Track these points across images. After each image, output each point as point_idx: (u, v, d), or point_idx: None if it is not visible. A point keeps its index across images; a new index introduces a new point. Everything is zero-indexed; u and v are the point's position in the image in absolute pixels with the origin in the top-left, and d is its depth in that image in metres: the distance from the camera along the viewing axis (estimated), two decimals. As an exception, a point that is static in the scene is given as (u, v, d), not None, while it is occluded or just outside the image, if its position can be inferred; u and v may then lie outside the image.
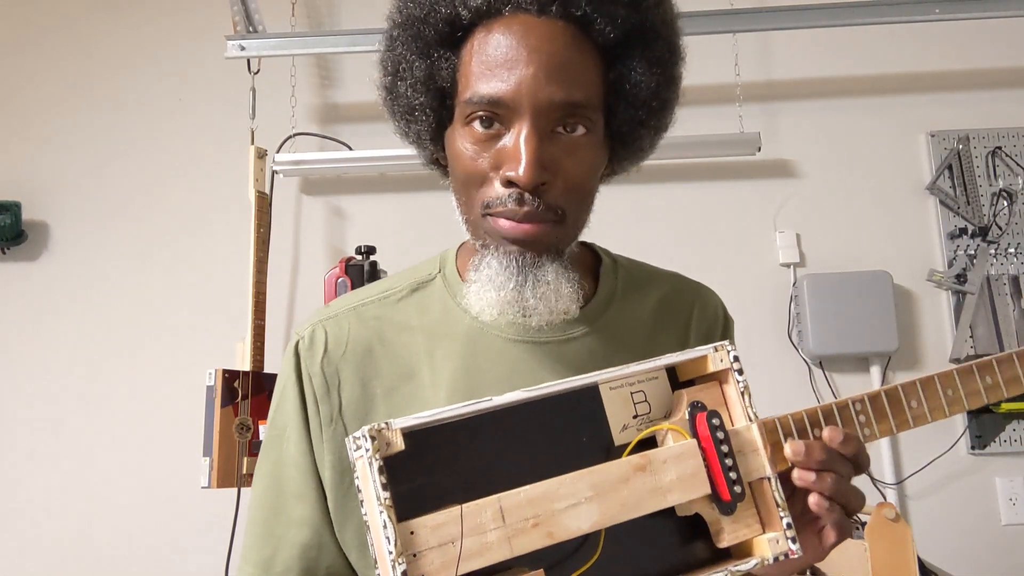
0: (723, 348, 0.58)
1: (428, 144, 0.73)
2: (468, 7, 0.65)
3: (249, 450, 1.70)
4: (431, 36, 0.67)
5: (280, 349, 2.02)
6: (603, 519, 0.51)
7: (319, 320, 0.77)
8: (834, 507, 0.57)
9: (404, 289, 0.78)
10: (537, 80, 0.62)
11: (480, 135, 0.65)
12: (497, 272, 0.67)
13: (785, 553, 0.55)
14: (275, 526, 0.74)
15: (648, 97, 0.68)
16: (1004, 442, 1.92)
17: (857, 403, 0.62)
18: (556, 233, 0.67)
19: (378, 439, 0.47)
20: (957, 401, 0.65)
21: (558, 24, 0.64)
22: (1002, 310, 1.97)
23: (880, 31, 2.06)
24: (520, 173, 0.62)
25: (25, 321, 2.07)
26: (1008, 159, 2.04)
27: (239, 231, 1.99)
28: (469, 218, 0.70)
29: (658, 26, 0.68)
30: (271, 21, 2.06)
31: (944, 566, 1.66)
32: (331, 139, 2.11)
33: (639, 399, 0.57)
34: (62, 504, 1.98)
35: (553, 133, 0.65)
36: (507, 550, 0.48)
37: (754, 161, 2.04)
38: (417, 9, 0.67)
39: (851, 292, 1.91)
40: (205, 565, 1.91)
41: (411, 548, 0.46)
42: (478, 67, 0.65)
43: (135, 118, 2.16)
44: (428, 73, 0.68)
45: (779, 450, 0.58)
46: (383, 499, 0.46)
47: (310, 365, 0.75)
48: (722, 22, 1.94)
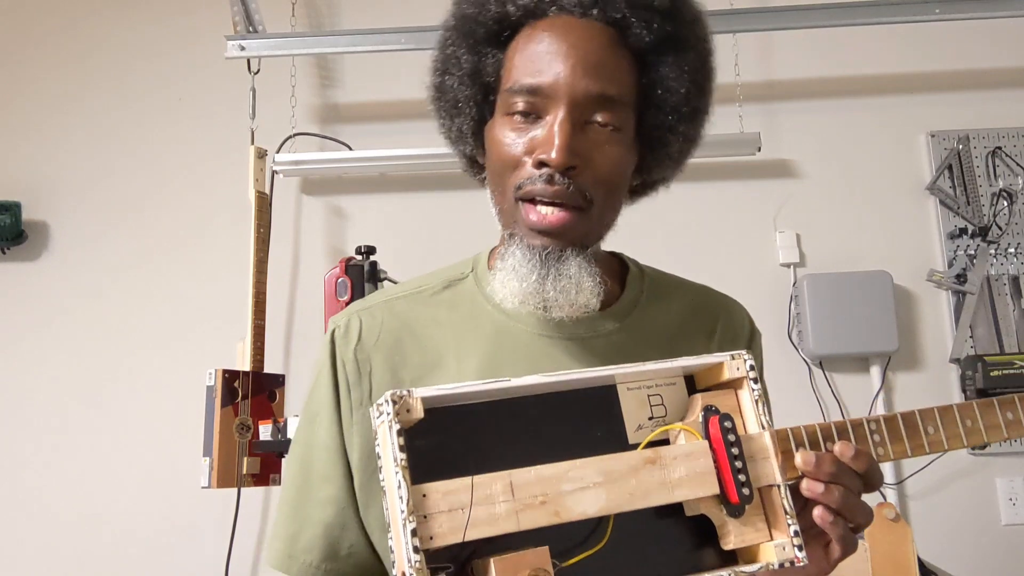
0: (740, 357, 0.59)
1: (469, 139, 0.77)
2: (517, 5, 0.70)
3: (249, 450, 1.70)
4: (481, 33, 0.72)
5: (280, 349, 2.02)
6: (609, 505, 0.52)
7: (355, 311, 0.81)
8: (839, 521, 0.57)
9: (437, 286, 0.82)
10: (575, 72, 0.67)
11: (519, 125, 0.70)
12: (521, 263, 0.70)
13: (791, 560, 0.55)
14: (302, 505, 0.77)
15: (678, 103, 0.72)
16: (1004, 442, 1.92)
17: (872, 423, 0.62)
18: (582, 222, 0.70)
19: (399, 404, 0.50)
20: (975, 432, 0.64)
21: (597, 26, 0.69)
22: (1002, 310, 1.97)
23: (880, 31, 2.06)
24: (553, 155, 0.66)
25: (25, 321, 2.07)
26: (1008, 159, 2.04)
27: (239, 231, 1.99)
28: (502, 206, 0.73)
29: (691, 39, 0.73)
30: (271, 21, 2.06)
31: (944, 566, 1.67)
32: (331, 139, 2.11)
33: (655, 402, 0.59)
34: (62, 504, 1.98)
35: (586, 125, 0.69)
36: (514, 523, 0.50)
37: (754, 161, 2.04)
38: (470, 7, 0.73)
39: (851, 292, 1.91)
40: (205, 565, 1.91)
41: (422, 510, 0.48)
42: (521, 61, 0.70)
43: (135, 118, 2.16)
44: (475, 68, 0.73)
45: (790, 459, 0.58)
46: (399, 460, 0.48)
47: (344, 352, 0.78)
48: (722, 22, 1.94)
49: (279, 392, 1.83)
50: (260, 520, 1.96)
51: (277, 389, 1.83)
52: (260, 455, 1.72)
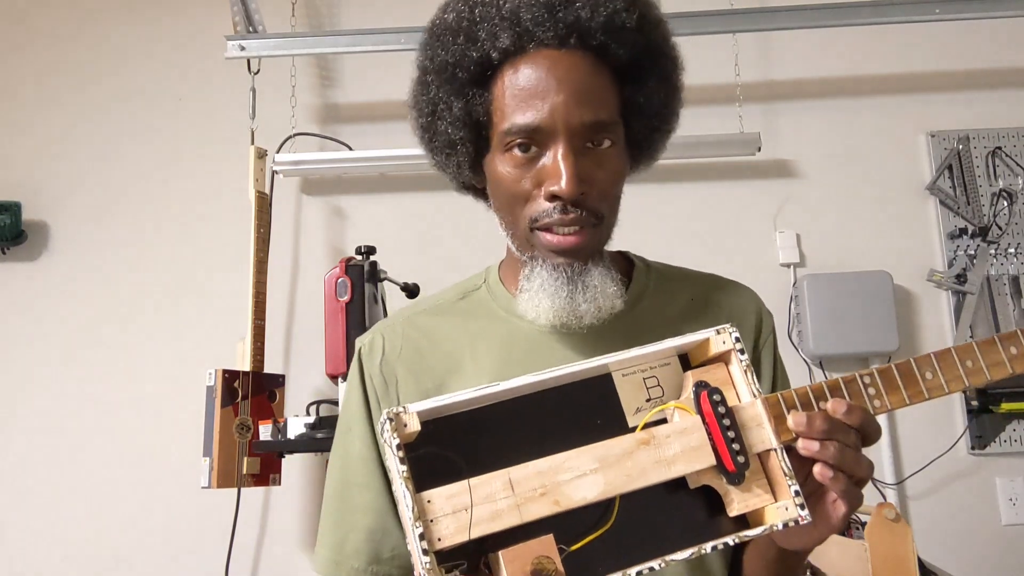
0: (725, 330, 0.61)
1: (467, 172, 0.82)
2: (497, 48, 0.73)
3: (249, 450, 1.70)
4: (464, 77, 0.75)
5: (280, 349, 2.02)
6: (608, 489, 0.55)
7: (379, 329, 0.88)
8: (839, 476, 0.59)
9: (453, 299, 0.89)
10: (568, 106, 0.71)
11: (520, 159, 0.74)
12: (548, 282, 0.75)
13: (795, 519, 0.57)
14: (344, 513, 0.82)
15: (659, 106, 0.78)
16: (1004, 442, 1.92)
17: (866, 376, 0.63)
18: (596, 236, 0.76)
19: (395, 421, 0.53)
20: (978, 372, 0.64)
21: (577, 54, 0.72)
22: (1002, 310, 1.97)
23: (880, 31, 2.06)
24: (563, 186, 0.70)
25: (25, 321, 2.07)
26: (1008, 159, 2.04)
27: (239, 231, 1.99)
28: (516, 234, 0.78)
29: (662, 45, 0.77)
30: (271, 21, 2.06)
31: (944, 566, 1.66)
32: (331, 139, 2.11)
33: (652, 384, 0.61)
34: (62, 504, 1.98)
35: (585, 149, 0.73)
36: (516, 516, 0.53)
37: (754, 161, 2.04)
38: (449, 55, 0.75)
39: (851, 292, 1.91)
40: (205, 565, 1.91)
41: (428, 514, 0.51)
42: (512, 100, 0.73)
43: (135, 118, 2.16)
44: (465, 111, 0.76)
45: (784, 423, 0.60)
46: (402, 472, 0.52)
47: (370, 368, 0.85)
48: (722, 22, 1.95)
49: (279, 392, 1.83)
50: (260, 520, 1.96)
51: (277, 389, 1.83)
52: (260, 455, 1.72)
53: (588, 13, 0.72)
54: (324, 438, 1.63)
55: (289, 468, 1.88)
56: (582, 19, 0.71)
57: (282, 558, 1.95)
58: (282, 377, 1.87)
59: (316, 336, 1.79)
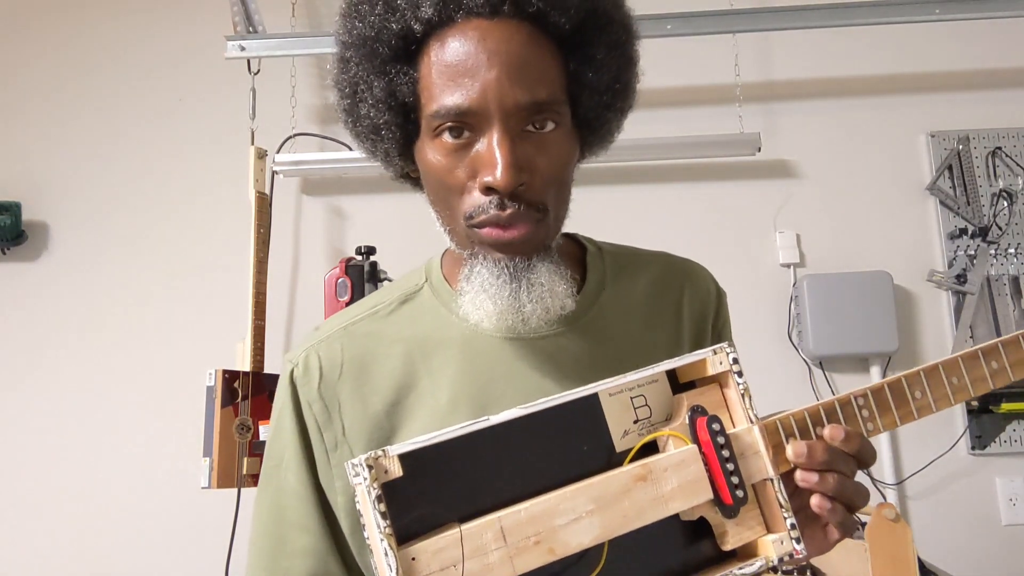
0: (722, 351, 0.58)
1: (397, 160, 0.73)
2: (419, 19, 0.63)
3: (249, 450, 1.70)
4: (385, 53, 0.66)
5: (280, 349, 2.02)
6: (605, 532, 0.51)
7: (311, 345, 0.76)
8: (837, 507, 0.57)
9: (393, 302, 0.78)
10: (501, 84, 0.62)
11: (451, 145, 0.65)
12: (490, 281, 0.67)
13: (790, 553, 0.55)
14: (279, 557, 0.73)
15: (611, 81, 0.68)
16: (1004, 442, 1.92)
17: (860, 398, 0.61)
18: (541, 230, 0.67)
19: (375, 467, 0.48)
20: (962, 389, 0.64)
21: (512, 23, 0.63)
22: (1002, 310, 1.96)
23: (880, 31, 2.06)
24: (498, 177, 0.62)
25: (25, 321, 2.07)
26: (1008, 159, 2.04)
27: (239, 231, 1.99)
28: (453, 228, 0.69)
29: (610, 10, 0.68)
30: (271, 21, 2.06)
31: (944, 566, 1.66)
32: (331, 139, 2.11)
33: (639, 403, 0.57)
34: (62, 504, 1.98)
35: (523, 132, 0.64)
36: (509, 569, 0.48)
37: (754, 161, 2.04)
38: (367, 28, 0.66)
39: (851, 292, 1.91)
40: (205, 565, 1.91)
41: (413, 574, 0.46)
42: (439, 78, 0.64)
43: (135, 118, 2.16)
44: (388, 91, 0.67)
45: (781, 450, 0.58)
46: (383, 527, 0.47)
47: (307, 393, 0.74)
48: (722, 22, 1.94)
49: (279, 392, 1.83)
50: (260, 520, 1.96)
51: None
52: (260, 455, 1.72)
53: None
54: (324, 438, 1.63)
55: (289, 468, 1.88)
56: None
57: (282, 558, 1.95)
58: (282, 377, 1.87)
59: (316, 336, 1.79)
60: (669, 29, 1.89)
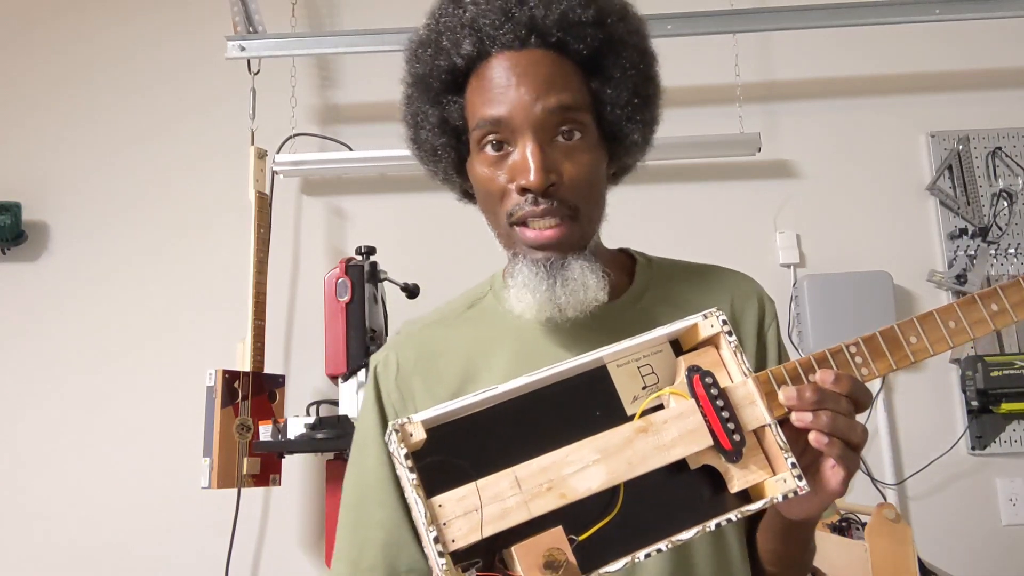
0: (712, 314, 0.63)
1: (455, 178, 0.85)
2: (461, 55, 0.77)
3: (249, 451, 1.71)
4: (437, 87, 0.80)
5: (280, 349, 2.02)
6: (611, 477, 0.57)
7: (390, 345, 0.91)
8: (835, 441, 0.60)
9: (461, 308, 0.91)
10: (528, 96, 0.74)
11: (492, 158, 0.77)
12: (529, 278, 0.77)
13: (794, 491, 0.59)
14: (360, 528, 0.84)
15: (629, 96, 0.78)
16: (1004, 442, 1.92)
17: (852, 346, 0.65)
18: (574, 229, 0.77)
19: (401, 432, 0.55)
20: (961, 332, 0.65)
21: (538, 52, 0.76)
22: (1002, 310, 1.96)
23: (880, 31, 2.06)
24: (531, 179, 0.73)
25: (25, 321, 2.07)
26: (1008, 159, 2.04)
27: (239, 231, 1.99)
28: (499, 231, 0.81)
29: (624, 36, 0.79)
30: (271, 22, 2.06)
31: (944, 566, 1.66)
32: (331, 140, 2.11)
33: (647, 372, 0.63)
34: (62, 504, 1.98)
35: (553, 142, 0.75)
36: (525, 512, 0.55)
37: (754, 161, 2.04)
38: (422, 67, 0.81)
39: (851, 292, 1.91)
40: (205, 565, 1.91)
41: (440, 518, 0.54)
42: (479, 99, 0.77)
43: (135, 118, 2.16)
44: (441, 117, 0.81)
45: (776, 399, 0.62)
46: (411, 480, 0.54)
47: (387, 384, 0.87)
48: (722, 22, 1.95)
49: (279, 392, 1.83)
50: (260, 521, 1.96)
51: (277, 390, 1.83)
52: (260, 455, 1.72)
53: (542, 12, 0.75)
54: (324, 439, 1.63)
55: (289, 468, 1.88)
56: (536, 18, 0.75)
57: (282, 558, 1.95)
58: (282, 377, 1.87)
59: (316, 336, 1.79)
60: (669, 29, 1.89)
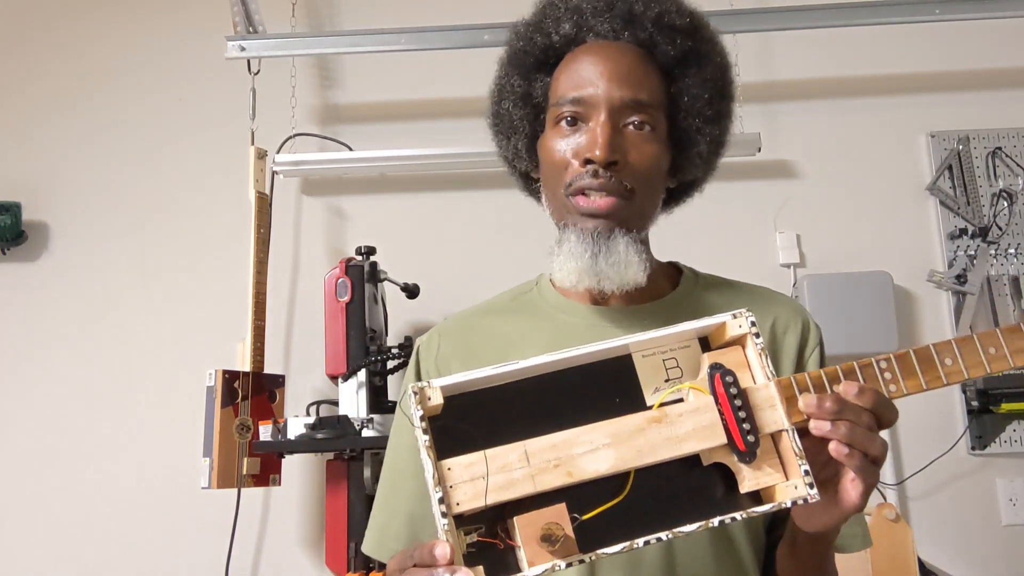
0: (741, 315, 0.63)
1: (523, 155, 0.89)
2: (559, 34, 0.84)
3: (249, 451, 1.70)
4: (530, 62, 0.86)
5: (280, 350, 2.02)
6: (619, 463, 0.58)
7: (435, 329, 0.95)
8: (854, 452, 0.59)
9: (506, 300, 0.95)
10: (611, 83, 0.79)
11: (566, 131, 0.81)
12: (575, 245, 0.80)
13: (804, 498, 0.58)
14: (391, 499, 0.89)
15: (702, 107, 0.83)
16: (1004, 443, 1.92)
17: (882, 361, 0.64)
18: (626, 208, 0.80)
19: (420, 394, 0.57)
20: (1000, 359, 0.64)
21: (628, 46, 0.82)
22: (1002, 311, 1.96)
23: (880, 31, 2.06)
24: (597, 152, 0.77)
25: (25, 321, 2.07)
26: (1008, 159, 2.04)
27: (239, 232, 1.99)
28: (555, 204, 0.84)
29: (711, 53, 0.85)
30: (271, 22, 2.06)
31: (944, 566, 1.67)
32: (331, 139, 2.11)
33: (671, 365, 0.64)
34: (62, 504, 1.98)
35: (624, 128, 0.80)
36: (531, 485, 0.56)
37: (754, 161, 2.04)
38: (521, 42, 0.87)
39: (851, 292, 1.91)
40: (205, 565, 1.91)
41: (447, 481, 0.56)
42: (566, 79, 0.83)
43: (135, 118, 2.16)
44: (526, 91, 0.86)
45: (796, 405, 0.61)
46: (424, 442, 0.56)
47: (427, 362, 0.91)
48: (722, 22, 1.94)
49: (279, 392, 1.83)
50: (260, 520, 1.96)
51: (277, 390, 1.83)
52: (260, 455, 1.72)
53: (641, 8, 0.82)
54: (324, 439, 1.63)
55: (289, 468, 1.88)
56: (635, 11, 0.81)
57: (282, 558, 1.95)
58: (282, 377, 1.87)
59: (316, 336, 1.79)
60: (669, 29, 1.89)
